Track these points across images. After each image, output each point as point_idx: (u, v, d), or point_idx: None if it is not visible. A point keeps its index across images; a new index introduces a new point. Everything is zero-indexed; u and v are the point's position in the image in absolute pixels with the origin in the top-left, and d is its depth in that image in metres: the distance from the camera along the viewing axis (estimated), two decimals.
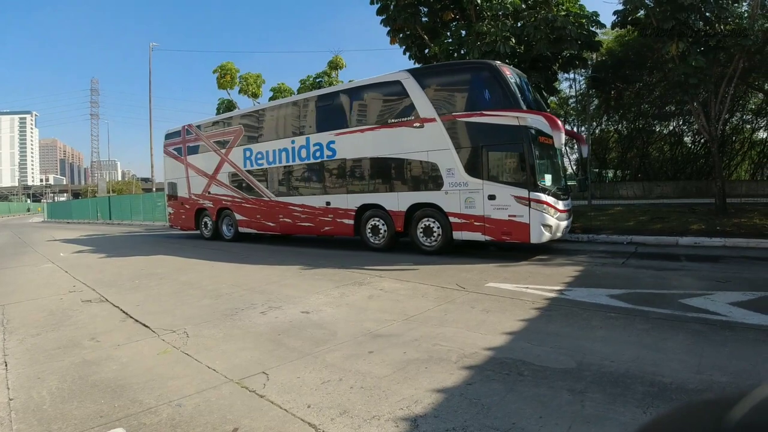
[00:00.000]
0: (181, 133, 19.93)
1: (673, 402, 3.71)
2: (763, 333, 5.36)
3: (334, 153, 14.03)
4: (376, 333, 5.67)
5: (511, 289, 7.73)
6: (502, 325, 5.76)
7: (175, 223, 20.94)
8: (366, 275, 9.49)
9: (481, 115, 10.90)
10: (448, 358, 4.75)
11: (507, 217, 10.62)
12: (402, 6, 17.90)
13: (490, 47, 15.85)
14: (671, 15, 16.16)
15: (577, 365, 4.47)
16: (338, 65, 28.66)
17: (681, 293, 7.06)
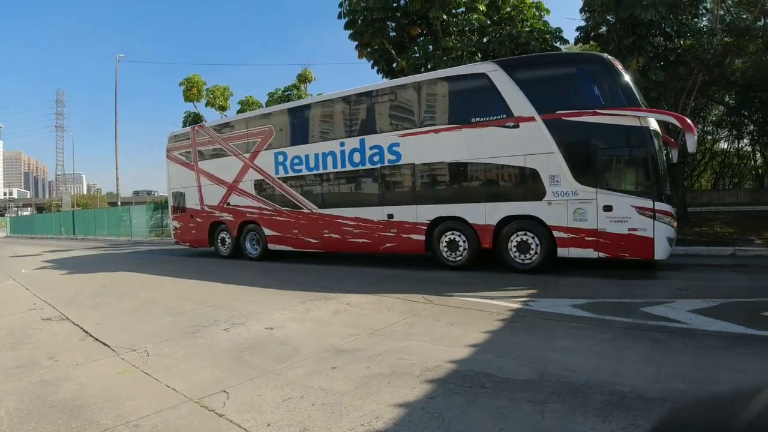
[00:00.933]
0: (190, 135, 17.42)
1: (632, 411, 3.74)
2: (722, 340, 5.46)
3: (398, 157, 12.03)
4: (340, 348, 5.61)
5: (476, 301, 7.76)
6: (466, 337, 5.76)
7: (182, 239, 17.99)
8: (334, 290, 9.41)
9: (595, 114, 9.51)
10: (411, 372, 4.71)
11: (627, 230, 9.30)
12: (370, 21, 18.12)
13: (456, 62, 16.08)
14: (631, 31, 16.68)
15: (538, 376, 4.48)
16: (307, 78, 28.64)
17: (642, 302, 7.17)
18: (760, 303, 6.89)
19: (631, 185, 9.55)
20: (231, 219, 15.97)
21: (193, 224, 17.28)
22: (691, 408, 0.99)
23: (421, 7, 17.16)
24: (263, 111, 16.62)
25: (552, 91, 10.24)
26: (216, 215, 16.42)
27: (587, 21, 18.73)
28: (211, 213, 16.57)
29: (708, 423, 0.89)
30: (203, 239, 16.98)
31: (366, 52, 19.45)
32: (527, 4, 18.50)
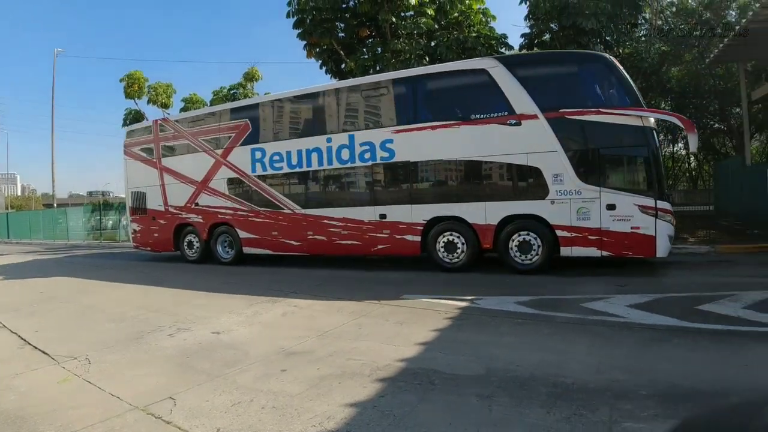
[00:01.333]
0: (152, 130, 15.96)
1: (575, 402, 3.90)
2: (658, 332, 5.77)
3: (391, 154, 11.43)
4: (290, 351, 5.58)
5: (426, 300, 7.87)
6: (415, 336, 5.85)
7: (142, 243, 16.50)
8: (281, 292, 9.31)
9: (599, 113, 9.49)
10: (361, 372, 4.75)
11: (629, 229, 9.33)
12: (318, 21, 18.03)
13: (405, 65, 16.24)
14: (573, 39, 17.35)
15: (485, 371, 4.61)
16: (254, 77, 28.19)
17: (583, 298, 7.47)
18: (693, 297, 7.29)
19: (634, 184, 9.68)
20: (200, 221, 14.79)
21: (155, 226, 15.86)
22: (708, 414, 1.01)
23: (370, 9, 17.23)
24: (238, 104, 15.69)
25: (555, 89, 10.18)
26: (182, 216, 15.13)
27: (531, 28, 19.40)
28: (176, 214, 15.25)
29: (727, 428, 0.91)
30: (167, 243, 15.62)
31: (315, 52, 19.33)
32: (474, 10, 18.92)
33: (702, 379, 4.33)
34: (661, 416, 3.66)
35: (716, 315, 6.38)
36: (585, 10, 16.89)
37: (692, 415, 1.02)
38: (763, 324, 5.95)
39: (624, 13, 18.86)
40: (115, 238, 27.84)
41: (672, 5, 23.48)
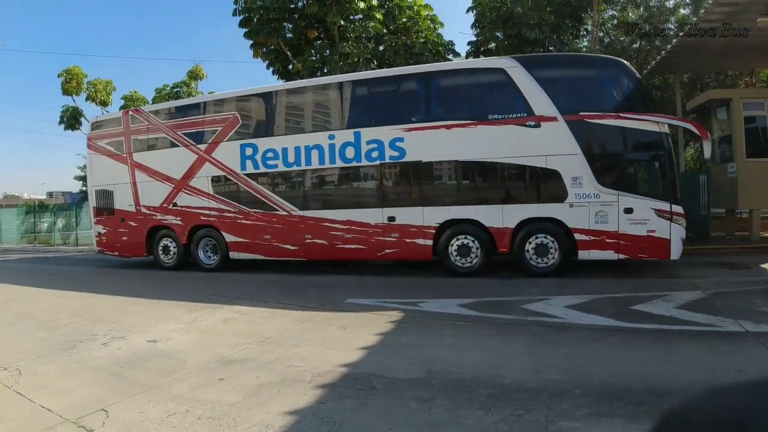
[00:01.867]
0: (122, 122, 14.38)
1: (513, 402, 3.96)
2: (593, 332, 5.97)
3: (401, 154, 10.82)
4: (229, 359, 5.43)
5: (370, 304, 7.86)
6: (358, 340, 5.82)
7: (108, 247, 14.70)
8: (223, 298, 9.07)
9: (618, 118, 9.45)
10: (302, 378, 4.67)
11: (645, 232, 9.33)
12: (266, 20, 17.74)
13: (352, 68, 16.22)
14: (518, 48, 17.84)
15: (426, 374, 4.62)
16: (198, 75, 27.54)
17: (523, 299, 7.65)
18: (629, 298, 7.59)
19: (650, 188, 9.72)
20: (179, 223, 13.30)
21: (124, 229, 14.17)
22: (695, 403, 0.98)
23: (318, 11, 17.15)
24: (226, 95, 14.27)
25: (574, 92, 10.09)
26: (157, 218, 13.60)
27: (478, 36, 19.79)
28: (150, 215, 13.71)
29: (716, 418, 0.88)
30: (138, 247, 13.99)
31: (261, 52, 19.03)
32: (422, 17, 19.17)
33: (634, 378, 4.47)
34: (595, 414, 3.75)
35: (650, 315, 6.66)
36: (529, 21, 17.45)
37: (674, 409, 0.99)
38: (694, 323, 6.25)
39: (567, 24, 19.60)
40: (50, 241, 26.54)
41: (613, 18, 24.45)
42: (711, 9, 10.27)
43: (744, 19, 9.76)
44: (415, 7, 18.94)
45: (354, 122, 11.47)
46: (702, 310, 6.83)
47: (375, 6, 17.70)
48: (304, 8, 17.75)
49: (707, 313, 6.65)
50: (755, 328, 5.87)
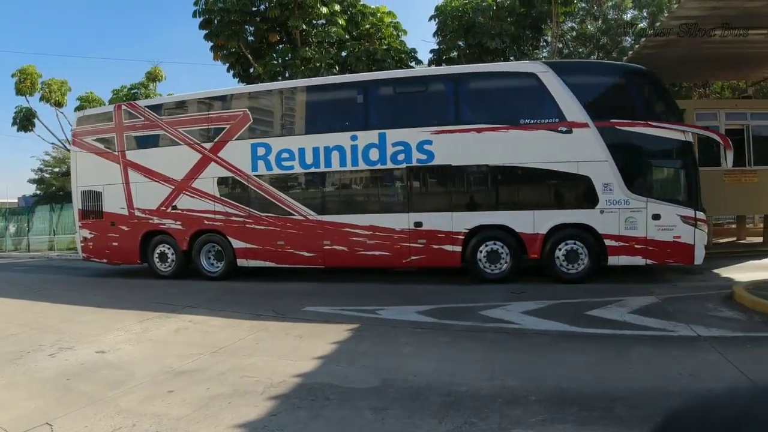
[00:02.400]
0: (114, 116, 13.21)
1: (467, 410, 3.93)
2: (549, 338, 6.04)
3: (430, 157, 10.49)
4: (180, 370, 5.24)
5: (328, 312, 7.74)
6: (314, 349, 5.71)
7: (95, 253, 13.39)
8: (176, 307, 8.72)
9: (647, 126, 9.54)
10: (254, 390, 4.54)
11: (671, 238, 9.48)
12: (227, 22, 17.45)
13: (314, 72, 16.15)
14: (479, 57, 18.11)
15: (381, 383, 4.56)
16: (157, 77, 26.93)
17: (481, 306, 7.68)
18: (583, 303, 7.72)
19: (677, 195, 9.85)
20: (179, 227, 12.29)
21: (114, 234, 12.96)
22: (690, 408, 0.99)
23: (280, 15, 17.01)
24: (236, 90, 13.46)
25: (604, 99, 10.21)
26: (153, 222, 12.55)
27: (440, 45, 20.01)
28: (145, 219, 12.62)
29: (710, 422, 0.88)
30: (130, 254, 12.82)
31: (221, 54, 18.73)
32: (386, 23, 19.24)
33: (588, 383, 4.52)
34: (548, 421, 3.76)
35: (604, 320, 6.79)
36: (490, 31, 17.77)
37: (675, 411, 0.99)
38: (647, 328, 6.39)
39: (527, 35, 20.01)
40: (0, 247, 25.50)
41: (572, 30, 25.07)
42: (666, 23, 10.56)
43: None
44: (378, 14, 19.00)
45: (378, 123, 11.07)
46: (655, 315, 6.99)
47: (338, 11, 17.65)
48: (265, 11, 17.59)
49: (660, 317, 6.81)
50: (707, 332, 6.02)
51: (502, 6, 18.84)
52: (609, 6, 24.26)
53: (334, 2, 17.53)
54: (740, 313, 6.97)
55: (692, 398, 1.01)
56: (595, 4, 23.88)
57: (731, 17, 9.32)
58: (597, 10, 24.43)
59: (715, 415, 0.93)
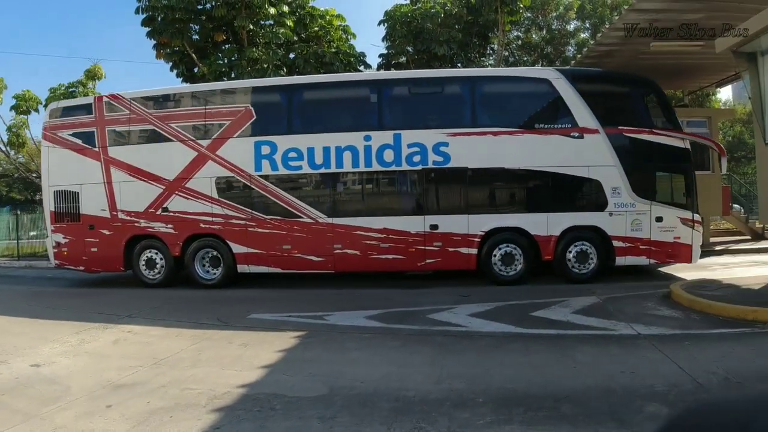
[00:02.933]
0: (93, 109, 11.95)
1: (415, 415, 3.91)
2: (495, 339, 6.12)
3: (446, 159, 10.41)
4: (118, 383, 4.98)
5: (273, 319, 7.55)
6: (259, 358, 5.54)
7: (70, 260, 12.02)
8: (114, 317, 8.23)
9: (652, 133, 10.06)
10: (197, 402, 4.36)
11: (672, 239, 10.04)
12: (171, 20, 16.80)
13: (261, 74, 15.86)
14: (427, 63, 18.33)
15: (329, 391, 4.47)
16: (97, 75, 25.88)
17: (429, 309, 7.69)
18: (528, 305, 7.87)
19: (677, 199, 10.21)
20: (170, 231, 11.33)
21: (94, 238, 11.70)
22: (693, 413, 0.97)
23: (227, 14, 16.53)
24: (237, 84, 12.85)
25: (612, 107, 10.63)
26: (140, 225, 11.49)
27: (389, 49, 20.13)
28: (131, 222, 11.52)
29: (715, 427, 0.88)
30: (113, 260, 11.64)
31: (164, 53, 18.08)
32: (335, 26, 19.11)
33: (534, 383, 4.59)
34: (495, 422, 3.78)
35: (548, 320, 6.96)
36: (439, 37, 18.02)
37: (679, 414, 0.98)
38: (589, 327, 6.58)
39: (474, 43, 20.40)
40: None
41: (518, 39, 25.74)
42: (607, 33, 11.00)
43: (638, 43, 10.53)
44: (327, 16, 18.85)
45: (392, 123, 10.89)
46: (597, 314, 7.22)
47: (286, 13, 17.38)
48: (211, 10, 17.07)
49: (602, 317, 7.04)
50: (646, 330, 6.25)
51: (450, 13, 19.13)
52: (553, 17, 25.09)
53: (283, 3, 17.23)
54: (678, 311, 7.29)
55: (687, 406, 1.04)
56: (539, 14, 24.63)
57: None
58: (542, 21, 25.23)
59: (711, 424, 0.93)
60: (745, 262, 10.65)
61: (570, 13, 24.73)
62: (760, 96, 8.75)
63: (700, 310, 7.13)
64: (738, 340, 5.81)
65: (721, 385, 4.39)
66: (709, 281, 9.00)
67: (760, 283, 8.79)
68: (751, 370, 4.74)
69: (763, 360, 5.06)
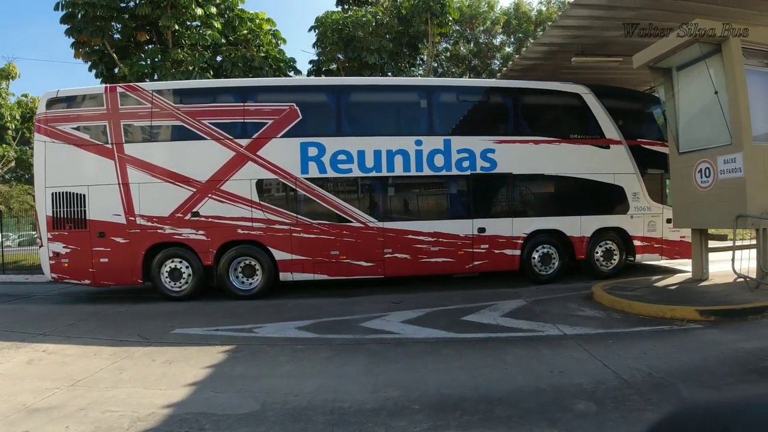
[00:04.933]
0: (105, 100, 10.60)
1: (351, 426, 3.84)
2: (428, 345, 6.14)
3: (493, 165, 10.79)
4: (34, 407, 4.56)
5: (200, 334, 7.18)
6: (185, 376, 5.24)
7: (73, 273, 10.55)
8: (27, 335, 7.51)
9: (663, 145, 10.97)
10: (119, 425, 4.05)
11: (679, 238, 11.21)
12: (91, 18, 15.88)
13: (186, 76, 15.33)
14: (358, 71, 18.45)
15: (261, 407, 4.29)
16: (11, 74, 24.22)
17: (361, 317, 7.65)
18: (459, 309, 8.01)
19: None
20: (201, 238, 10.41)
21: (104, 248, 10.40)
22: (673, 419, 0.95)
23: (151, 13, 15.87)
24: (282, 82, 12.78)
25: (630, 121, 11.61)
26: (165, 232, 10.43)
27: (319, 56, 20.10)
28: (152, 229, 10.42)
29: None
30: (129, 272, 10.41)
31: (83, 52, 17.12)
32: (264, 30, 18.79)
33: (468, 386, 4.63)
34: (432, 428, 3.78)
35: (478, 324, 7.09)
36: (369, 46, 18.17)
37: (661, 420, 0.97)
38: (518, 329, 6.77)
39: (404, 53, 20.76)
40: None
41: (447, 50, 26.36)
42: (531, 48, 11.45)
43: (560, 58, 11.10)
44: (257, 20, 18.51)
45: (441, 129, 11.08)
46: (524, 316, 7.45)
47: (214, 14, 16.92)
48: (135, 9, 16.33)
49: (529, 319, 7.26)
50: (572, 331, 6.50)
51: (382, 23, 19.35)
52: (480, 30, 25.88)
53: (210, 4, 16.80)
54: (600, 311, 7.65)
55: (669, 410, 1.06)
56: (468, 27, 25.35)
57: (590, 45, 10.48)
58: (469, 34, 25.98)
59: (692, 428, 0.95)
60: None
61: (497, 27, 25.61)
62: (674, 108, 9.40)
63: (621, 310, 7.55)
64: (658, 338, 6.13)
65: (645, 380, 4.60)
66: (627, 282, 9.56)
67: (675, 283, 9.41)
68: (672, 366, 4.99)
69: (683, 356, 5.34)
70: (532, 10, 25.98)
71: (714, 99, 8.29)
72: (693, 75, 8.94)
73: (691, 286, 9.06)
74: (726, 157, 8.23)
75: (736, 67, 7.94)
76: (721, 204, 8.32)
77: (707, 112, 8.71)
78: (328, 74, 19.42)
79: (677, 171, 9.62)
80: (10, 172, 31.79)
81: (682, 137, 9.39)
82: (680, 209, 9.69)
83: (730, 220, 8.05)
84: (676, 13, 8.83)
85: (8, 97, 22.93)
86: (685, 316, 6.84)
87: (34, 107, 20.36)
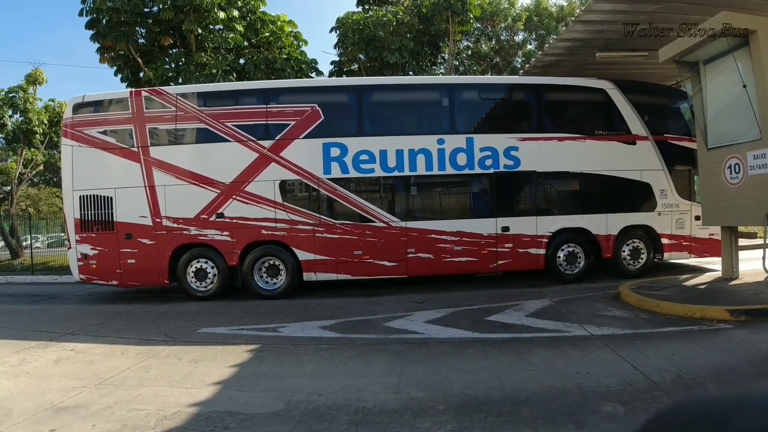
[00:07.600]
0: (130, 104, 10.82)
1: (375, 426, 3.82)
2: (452, 345, 6.09)
3: (516, 163, 10.66)
4: (61, 406, 4.65)
5: (225, 333, 7.26)
6: (210, 375, 5.30)
7: (101, 274, 10.73)
8: (55, 334, 7.69)
9: (690, 141, 10.63)
10: (145, 424, 4.10)
11: (708, 235, 10.87)
12: (116, 23, 16.13)
13: (209, 79, 15.50)
14: (379, 71, 18.44)
15: (285, 406, 4.31)
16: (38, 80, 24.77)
17: (385, 317, 7.65)
18: (483, 309, 7.94)
19: None
20: (226, 239, 10.55)
21: (132, 248, 10.63)
22: (674, 412, 1.02)
23: (174, 17, 16.08)
24: (302, 83, 12.70)
25: (657, 116, 11.39)
26: (190, 233, 10.59)
27: (341, 56, 20.14)
28: (178, 230, 10.59)
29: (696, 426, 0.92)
30: (156, 272, 10.60)
31: (109, 56, 17.42)
32: (286, 32, 18.88)
33: (493, 387, 4.58)
34: (457, 430, 3.74)
35: (503, 324, 7.01)
36: (390, 45, 18.15)
37: (660, 413, 0.97)
38: (543, 330, 6.67)
39: (425, 52, 20.67)
40: None
41: (468, 48, 26.19)
42: (554, 44, 11.27)
43: (584, 53, 10.83)
44: (279, 22, 18.60)
45: (463, 127, 10.97)
46: (550, 316, 7.34)
47: (236, 17, 17.06)
48: (158, 13, 16.54)
49: (555, 319, 7.15)
50: (599, 331, 6.38)
51: (402, 22, 19.28)
52: (502, 27, 25.65)
53: (233, 8, 16.92)
54: (627, 311, 7.50)
55: (665, 405, 1.05)
56: (489, 24, 25.14)
57: (613, 41, 10.18)
58: (491, 31, 25.75)
59: (690, 423, 0.94)
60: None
61: (518, 24, 25.34)
62: (701, 103, 9.13)
63: (649, 310, 7.39)
64: (687, 338, 5.99)
65: (675, 382, 4.50)
66: (655, 281, 9.35)
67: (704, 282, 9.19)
68: (702, 366, 4.88)
69: (713, 356, 5.22)
70: (553, 6, 25.67)
71: (743, 93, 8.03)
72: (720, 68, 8.66)
73: (721, 285, 8.81)
74: (756, 152, 7.96)
75: (765, 59, 7.69)
76: (751, 200, 8.05)
77: (736, 106, 8.42)
78: (349, 74, 19.44)
79: (706, 167, 9.33)
80: (38, 176, 32.48)
81: (711, 132, 9.07)
82: (709, 206, 9.38)
83: (761, 217, 7.78)
84: (702, 6, 8.59)
85: (36, 102, 23.39)
86: (715, 316, 6.67)
87: (61, 112, 20.74)
